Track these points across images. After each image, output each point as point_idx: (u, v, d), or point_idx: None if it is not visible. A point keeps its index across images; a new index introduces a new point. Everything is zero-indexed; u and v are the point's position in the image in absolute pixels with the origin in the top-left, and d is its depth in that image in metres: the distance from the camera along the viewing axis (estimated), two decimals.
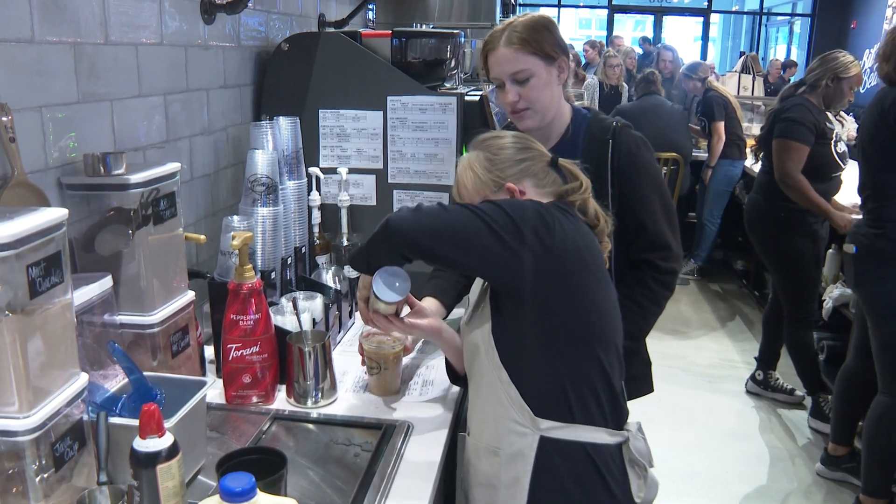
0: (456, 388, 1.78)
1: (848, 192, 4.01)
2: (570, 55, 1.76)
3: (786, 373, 4.15)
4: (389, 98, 2.27)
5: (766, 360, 4.12)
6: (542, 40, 1.72)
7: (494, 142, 1.53)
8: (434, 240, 1.34)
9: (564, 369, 1.35)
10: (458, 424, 1.70)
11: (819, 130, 3.53)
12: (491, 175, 1.47)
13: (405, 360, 1.83)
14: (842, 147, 3.64)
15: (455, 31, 2.57)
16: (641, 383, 1.96)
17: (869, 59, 10.62)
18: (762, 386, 4.11)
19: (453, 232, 1.34)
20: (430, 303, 1.81)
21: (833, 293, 3.94)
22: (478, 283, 1.52)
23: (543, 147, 1.56)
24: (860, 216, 3.03)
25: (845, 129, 5.50)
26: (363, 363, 1.76)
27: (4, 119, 1.29)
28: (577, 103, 1.90)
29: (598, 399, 1.37)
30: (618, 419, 1.41)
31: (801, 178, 3.51)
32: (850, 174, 3.54)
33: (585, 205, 1.49)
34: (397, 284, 1.47)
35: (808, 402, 3.92)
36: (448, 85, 2.48)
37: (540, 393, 1.35)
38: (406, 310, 1.60)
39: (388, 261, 1.45)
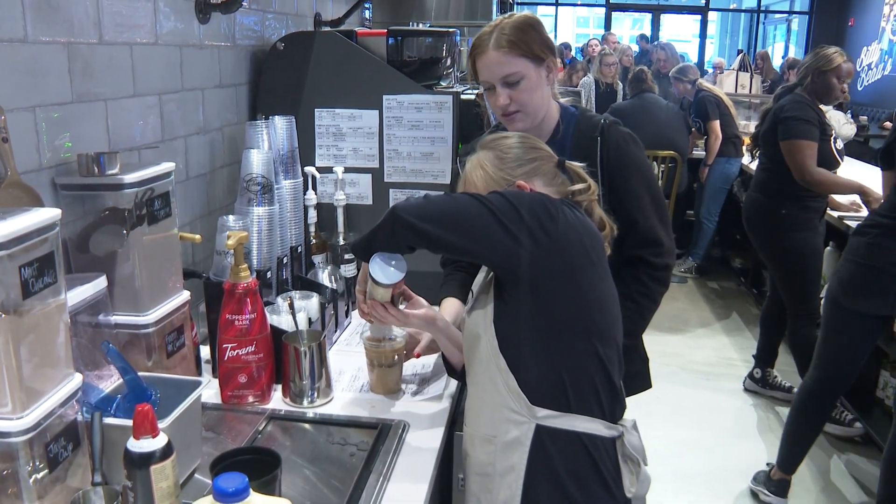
0: (452, 388, 1.78)
1: None
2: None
3: (784, 371, 4.15)
4: (385, 97, 2.26)
5: (765, 358, 4.12)
6: (531, 41, 1.72)
7: (502, 142, 1.54)
8: (436, 226, 1.36)
9: (561, 359, 1.35)
10: (455, 423, 1.70)
11: (820, 125, 3.53)
12: (502, 173, 1.48)
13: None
14: (840, 143, 3.64)
15: (450, 30, 2.57)
16: (639, 380, 1.96)
17: (867, 56, 10.63)
18: (760, 384, 4.12)
19: (456, 218, 1.35)
20: (451, 303, 1.81)
21: None
22: (481, 274, 1.53)
23: (549, 148, 1.56)
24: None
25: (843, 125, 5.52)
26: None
27: None
28: (563, 100, 1.89)
29: (596, 391, 1.37)
30: (615, 413, 1.42)
31: (819, 170, 3.49)
32: (846, 171, 3.56)
33: (591, 208, 1.51)
34: (393, 265, 1.47)
35: None
36: (444, 84, 2.48)
37: (537, 381, 1.35)
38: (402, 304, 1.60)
39: (391, 249, 1.46)
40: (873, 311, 2.77)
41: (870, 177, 5.10)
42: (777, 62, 9.37)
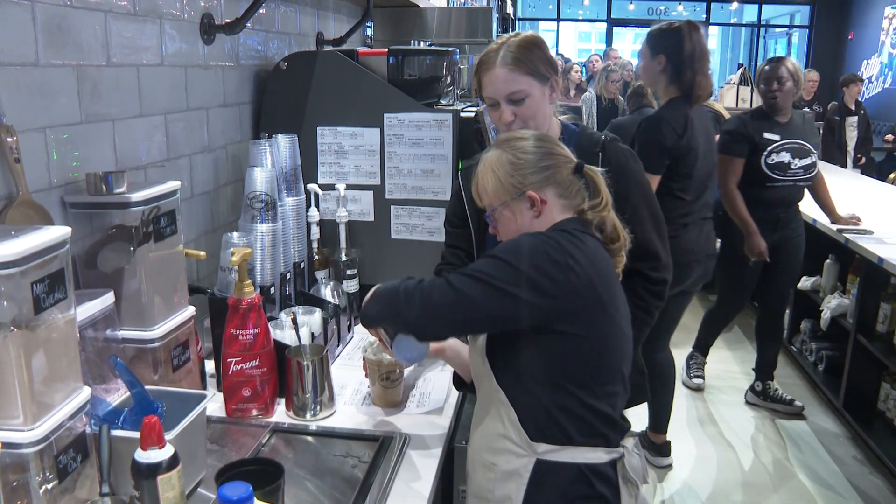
0: (452, 401, 1.81)
1: (846, 203, 4.05)
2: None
3: (784, 383, 4.16)
4: (386, 115, 2.30)
5: (765, 370, 4.13)
6: (537, 60, 1.75)
7: (518, 143, 1.48)
8: (443, 325, 1.39)
9: (559, 399, 1.35)
10: (455, 436, 1.72)
11: (749, 140, 3.63)
12: (513, 180, 1.44)
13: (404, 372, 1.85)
14: (777, 158, 3.64)
15: (450, 49, 2.61)
16: (637, 393, 1.97)
17: (867, 69, 10.67)
18: (761, 396, 4.12)
19: (459, 311, 1.34)
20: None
21: (831, 303, 3.97)
22: None
23: (567, 150, 1.52)
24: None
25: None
26: (366, 375, 1.79)
27: (10, 140, 1.32)
28: (563, 117, 1.93)
29: (596, 424, 1.37)
30: (615, 438, 1.41)
31: (733, 189, 3.64)
32: (834, 182, 3.58)
33: (603, 222, 1.47)
34: (415, 354, 1.49)
35: (806, 411, 3.96)
36: (444, 101, 2.52)
37: (537, 418, 1.36)
38: None
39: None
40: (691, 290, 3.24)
41: (869, 189, 5.13)
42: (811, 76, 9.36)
